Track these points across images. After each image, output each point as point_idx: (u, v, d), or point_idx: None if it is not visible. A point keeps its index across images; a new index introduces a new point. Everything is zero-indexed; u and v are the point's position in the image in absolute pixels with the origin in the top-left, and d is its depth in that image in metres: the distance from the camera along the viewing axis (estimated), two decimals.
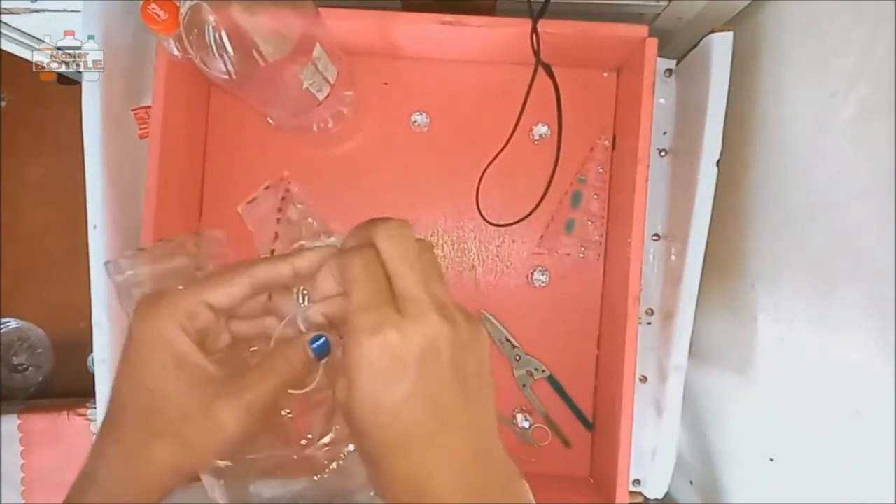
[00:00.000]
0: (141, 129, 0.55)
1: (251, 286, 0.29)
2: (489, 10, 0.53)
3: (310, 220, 0.41)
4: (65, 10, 0.54)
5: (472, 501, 0.24)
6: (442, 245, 0.56)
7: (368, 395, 0.24)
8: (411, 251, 0.26)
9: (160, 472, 0.27)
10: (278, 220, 0.40)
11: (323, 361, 0.30)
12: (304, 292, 0.32)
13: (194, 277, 0.35)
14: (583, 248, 0.56)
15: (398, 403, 0.24)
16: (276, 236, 0.40)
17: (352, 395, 0.24)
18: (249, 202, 0.42)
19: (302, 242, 0.33)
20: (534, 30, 0.46)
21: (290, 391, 0.29)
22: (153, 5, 0.41)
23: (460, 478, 0.25)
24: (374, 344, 0.24)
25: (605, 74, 0.56)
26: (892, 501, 0.32)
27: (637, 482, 0.54)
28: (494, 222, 0.56)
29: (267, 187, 0.44)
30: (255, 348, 0.34)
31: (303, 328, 0.29)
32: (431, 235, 0.56)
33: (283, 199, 0.43)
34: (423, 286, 0.25)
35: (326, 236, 0.39)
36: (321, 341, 0.29)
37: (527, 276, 0.56)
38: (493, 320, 0.55)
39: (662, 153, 0.55)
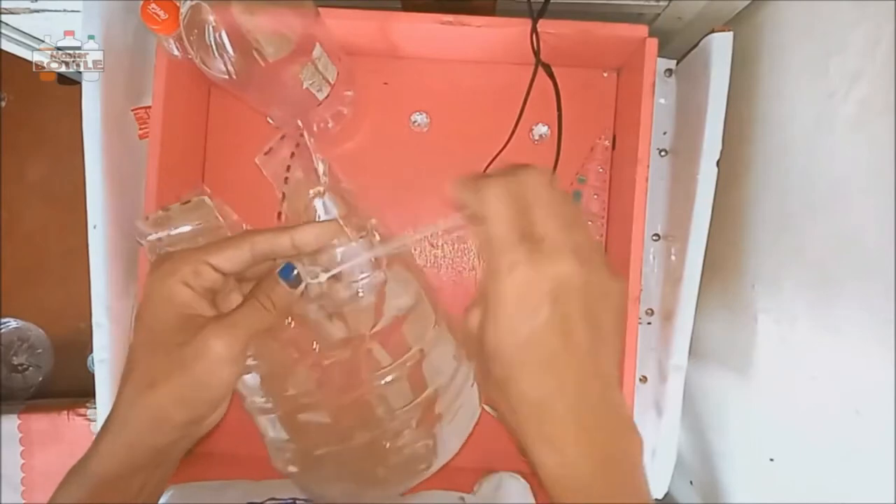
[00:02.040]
0: (141, 129, 0.55)
1: (251, 253, 0.32)
2: (489, 10, 0.53)
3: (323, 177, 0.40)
4: (65, 10, 0.54)
5: (585, 436, 0.26)
6: (442, 245, 0.56)
7: (506, 321, 0.26)
8: (558, 196, 0.28)
9: (166, 400, 0.30)
10: (286, 179, 0.40)
11: (299, 288, 0.33)
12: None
13: (218, 234, 0.38)
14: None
15: (534, 330, 0.26)
16: (283, 197, 0.40)
17: (488, 320, 0.26)
18: (266, 153, 0.41)
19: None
20: (534, 30, 0.46)
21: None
22: (153, 5, 0.41)
23: (580, 412, 0.26)
24: (514, 277, 0.26)
25: (606, 74, 0.56)
26: (892, 501, 0.32)
27: None
28: None
29: (282, 137, 0.43)
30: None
31: (309, 280, 0.33)
32: (431, 235, 0.56)
33: (293, 153, 0.42)
34: (567, 231, 0.27)
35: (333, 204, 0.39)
36: (288, 269, 0.32)
37: None
38: None
39: (662, 153, 0.55)
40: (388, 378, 0.39)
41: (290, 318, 0.38)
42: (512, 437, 0.29)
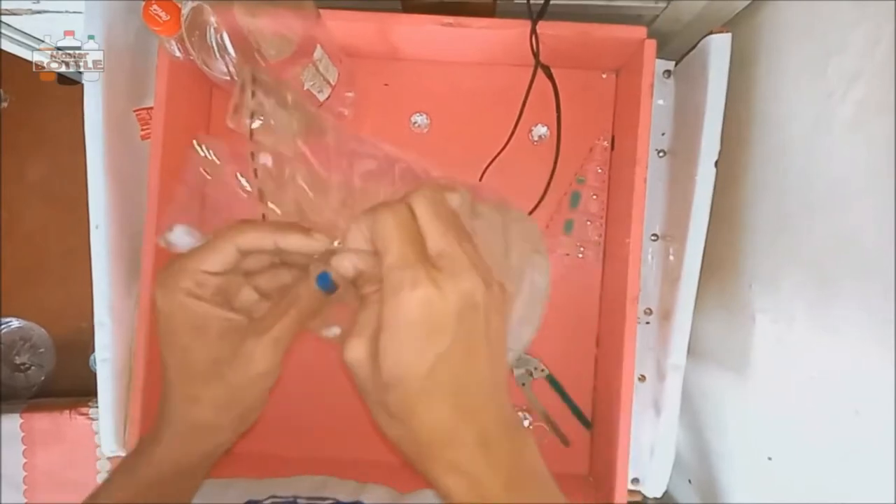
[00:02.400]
0: (143, 129, 0.55)
1: (237, 252, 0.31)
2: (489, 12, 0.54)
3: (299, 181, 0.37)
4: (66, 12, 0.55)
5: (493, 456, 0.26)
6: None
7: (410, 348, 0.25)
8: (445, 212, 0.28)
9: (211, 412, 0.31)
10: (255, 171, 0.36)
11: (333, 295, 0.32)
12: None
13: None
14: (582, 249, 0.56)
15: (440, 355, 0.25)
16: (261, 195, 0.36)
17: (387, 349, 0.25)
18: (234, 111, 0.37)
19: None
20: (533, 31, 0.46)
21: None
22: (155, 6, 0.41)
23: (488, 433, 0.27)
24: (415, 298, 0.25)
25: (604, 76, 0.56)
26: (892, 502, 0.32)
27: (636, 481, 0.54)
28: None
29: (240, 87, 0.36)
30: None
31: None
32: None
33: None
34: (460, 244, 0.27)
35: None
36: (325, 277, 0.31)
37: None
38: None
39: (661, 154, 0.56)
40: None
41: None
42: (411, 466, 0.28)
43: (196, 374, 0.31)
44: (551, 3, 0.45)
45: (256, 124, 0.36)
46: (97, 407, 0.53)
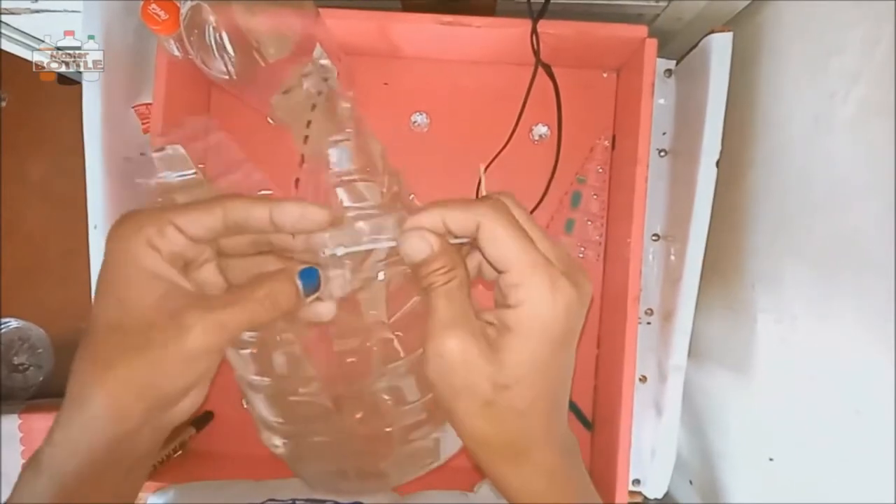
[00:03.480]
0: (143, 124, 0.55)
1: (223, 219, 0.28)
2: (489, 11, 0.53)
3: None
4: (65, 11, 0.55)
5: (571, 455, 0.28)
6: None
7: (540, 350, 0.26)
8: (530, 219, 0.28)
9: (123, 387, 0.25)
10: (308, 122, 0.34)
11: (310, 299, 0.28)
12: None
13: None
14: (582, 248, 0.56)
15: (561, 356, 0.27)
16: (305, 140, 0.35)
17: (520, 348, 0.26)
18: (285, 92, 0.36)
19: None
20: (534, 30, 0.46)
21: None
22: (154, 5, 0.41)
23: (565, 433, 0.29)
24: (559, 302, 0.25)
25: (605, 75, 0.56)
26: (892, 502, 0.32)
27: (637, 482, 0.54)
28: None
29: (305, 75, 0.36)
30: None
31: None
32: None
33: (321, 92, 0.35)
34: (559, 248, 0.27)
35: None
36: (311, 272, 0.28)
37: None
38: None
39: (662, 153, 0.55)
40: (402, 371, 0.38)
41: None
42: (481, 466, 0.28)
43: (121, 334, 0.26)
44: (552, 1, 0.45)
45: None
46: None
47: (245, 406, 0.40)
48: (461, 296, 0.27)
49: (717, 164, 0.48)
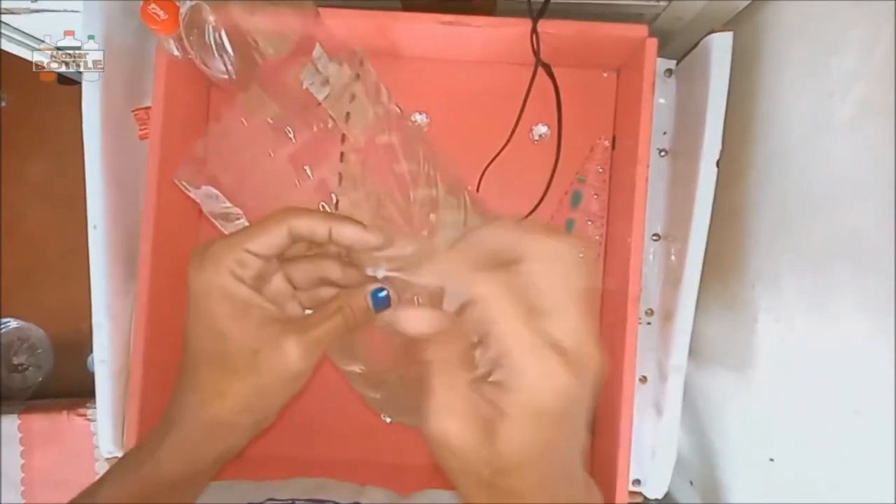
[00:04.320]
0: (141, 129, 0.55)
1: (289, 234, 0.30)
2: (489, 11, 0.53)
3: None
4: (65, 11, 0.55)
5: None
6: None
7: (535, 437, 0.23)
8: (567, 270, 0.24)
9: (234, 410, 0.29)
10: (352, 96, 0.35)
11: (379, 314, 0.31)
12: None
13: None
14: (582, 248, 0.56)
15: (559, 440, 0.24)
16: (341, 179, 0.35)
17: (513, 436, 0.23)
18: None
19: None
20: (534, 30, 0.46)
21: None
22: (153, 5, 0.41)
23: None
24: (548, 390, 0.23)
25: (605, 74, 0.56)
26: (892, 502, 0.32)
27: (637, 482, 0.54)
28: None
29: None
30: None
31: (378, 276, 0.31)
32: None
33: (359, 75, 0.35)
34: (584, 316, 0.24)
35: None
36: (383, 294, 0.30)
37: None
38: None
39: (662, 153, 0.55)
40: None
41: None
42: None
43: (230, 364, 0.28)
44: (552, 1, 0.45)
45: (323, 94, 0.36)
46: (95, 408, 0.53)
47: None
48: (459, 374, 0.24)
49: (718, 163, 0.48)
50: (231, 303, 0.28)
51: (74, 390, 0.82)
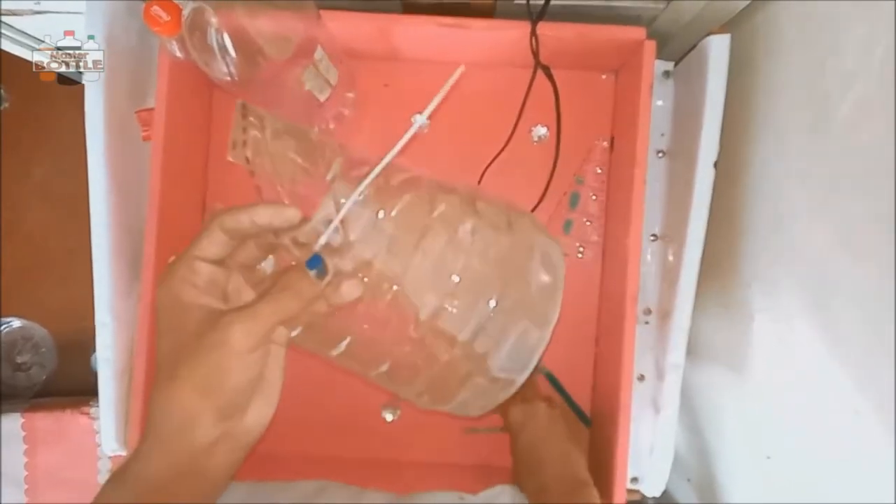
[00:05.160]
0: (143, 131, 0.55)
1: (224, 232, 0.31)
2: (488, 13, 0.54)
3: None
4: (68, 12, 0.55)
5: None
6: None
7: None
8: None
9: (189, 392, 0.29)
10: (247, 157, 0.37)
11: (326, 279, 0.32)
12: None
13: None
14: (581, 249, 0.56)
15: None
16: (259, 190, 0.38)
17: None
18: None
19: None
20: (533, 32, 0.47)
21: None
22: (156, 7, 0.41)
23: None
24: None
25: (604, 76, 0.56)
26: (892, 502, 0.32)
27: (635, 480, 0.54)
28: None
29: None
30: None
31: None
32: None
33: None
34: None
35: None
36: (316, 259, 0.32)
37: None
38: None
39: (660, 154, 0.56)
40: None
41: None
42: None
43: (181, 352, 0.30)
44: (551, 3, 0.45)
45: (253, 155, 0.38)
46: (98, 406, 0.53)
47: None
48: None
49: (715, 164, 0.48)
50: (182, 305, 0.30)
51: (78, 389, 0.83)
